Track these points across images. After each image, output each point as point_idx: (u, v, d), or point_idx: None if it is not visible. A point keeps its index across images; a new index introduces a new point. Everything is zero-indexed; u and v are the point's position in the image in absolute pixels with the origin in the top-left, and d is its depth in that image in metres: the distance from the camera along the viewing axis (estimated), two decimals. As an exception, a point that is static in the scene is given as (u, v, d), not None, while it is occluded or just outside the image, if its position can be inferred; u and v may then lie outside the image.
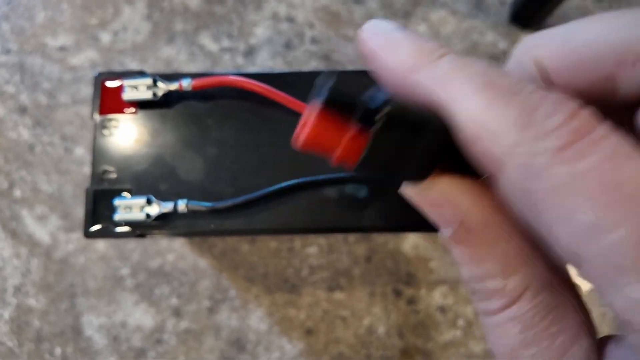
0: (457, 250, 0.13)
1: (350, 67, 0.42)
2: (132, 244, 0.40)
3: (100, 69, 0.43)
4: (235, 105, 0.26)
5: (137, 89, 0.25)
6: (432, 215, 0.13)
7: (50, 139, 0.42)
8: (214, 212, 0.24)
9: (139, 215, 0.24)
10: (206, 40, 0.43)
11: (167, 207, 0.24)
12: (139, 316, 0.39)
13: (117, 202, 0.24)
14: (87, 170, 0.42)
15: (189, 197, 0.24)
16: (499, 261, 0.12)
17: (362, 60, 0.13)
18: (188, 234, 0.27)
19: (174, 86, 0.25)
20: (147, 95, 0.25)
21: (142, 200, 0.24)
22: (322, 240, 0.39)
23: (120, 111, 0.26)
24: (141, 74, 0.26)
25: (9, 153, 0.42)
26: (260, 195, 0.24)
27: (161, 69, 0.43)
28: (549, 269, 0.12)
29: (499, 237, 0.12)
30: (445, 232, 0.13)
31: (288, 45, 0.43)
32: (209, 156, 0.26)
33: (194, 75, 0.25)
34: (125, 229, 0.24)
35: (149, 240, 0.40)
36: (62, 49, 0.44)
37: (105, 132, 0.26)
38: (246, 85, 0.24)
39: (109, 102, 0.26)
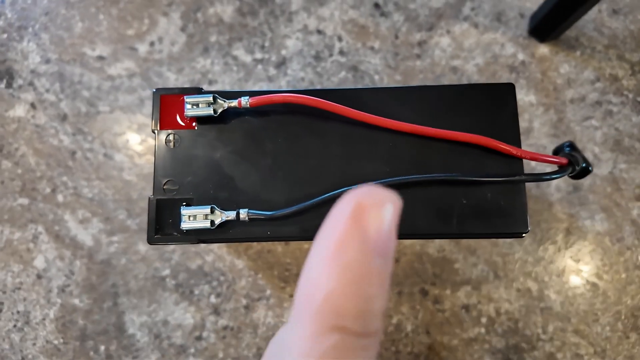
0: None
1: (376, 77, 0.44)
2: (172, 246, 0.42)
3: (138, 78, 0.45)
4: (286, 120, 0.28)
5: (198, 106, 0.27)
6: None
7: (90, 146, 0.44)
8: (270, 220, 0.26)
9: (203, 224, 0.26)
10: (239, 51, 0.45)
11: (230, 215, 0.26)
12: (180, 315, 0.41)
13: (183, 211, 0.26)
14: (126, 175, 0.44)
15: (246, 205, 0.26)
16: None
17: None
18: (246, 239, 0.29)
19: (233, 103, 0.27)
20: (207, 111, 0.27)
21: (206, 209, 0.26)
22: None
23: (180, 126, 0.28)
24: (198, 90, 0.28)
25: (51, 159, 0.44)
26: (313, 204, 0.26)
27: (196, 79, 0.45)
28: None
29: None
30: None
31: (318, 57, 0.45)
32: (264, 167, 0.28)
33: (251, 94, 0.27)
34: (190, 236, 0.26)
35: (188, 242, 0.42)
36: (100, 58, 0.46)
37: (166, 145, 0.28)
38: (303, 101, 0.26)
39: (169, 117, 0.28)
